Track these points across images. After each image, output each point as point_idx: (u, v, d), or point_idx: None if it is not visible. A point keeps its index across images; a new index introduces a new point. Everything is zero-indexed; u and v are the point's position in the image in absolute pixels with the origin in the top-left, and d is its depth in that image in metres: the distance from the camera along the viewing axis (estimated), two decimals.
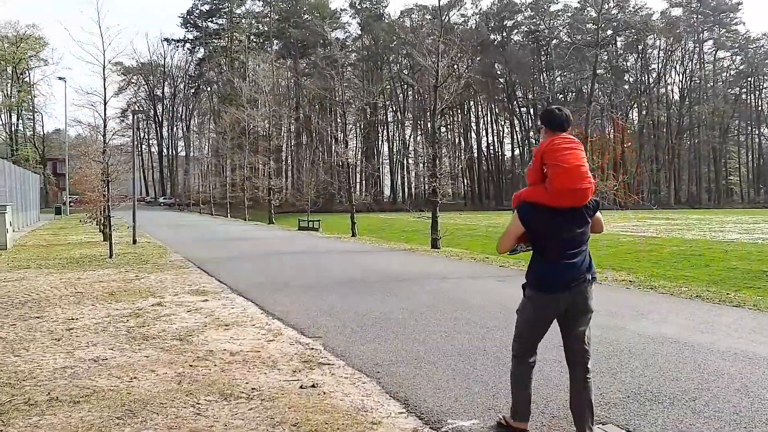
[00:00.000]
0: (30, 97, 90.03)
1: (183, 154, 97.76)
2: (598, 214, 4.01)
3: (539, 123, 4.12)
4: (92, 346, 6.38)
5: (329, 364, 5.67)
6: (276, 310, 8.43)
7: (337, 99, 31.41)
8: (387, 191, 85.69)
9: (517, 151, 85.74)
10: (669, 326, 7.21)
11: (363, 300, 9.22)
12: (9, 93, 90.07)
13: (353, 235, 24.82)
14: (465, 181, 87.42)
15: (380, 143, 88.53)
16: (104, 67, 20.04)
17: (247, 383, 5.07)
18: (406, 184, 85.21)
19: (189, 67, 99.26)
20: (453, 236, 23.96)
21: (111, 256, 15.50)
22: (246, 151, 40.70)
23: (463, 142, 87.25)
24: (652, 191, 75.78)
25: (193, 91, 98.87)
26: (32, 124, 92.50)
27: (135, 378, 5.22)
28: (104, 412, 4.39)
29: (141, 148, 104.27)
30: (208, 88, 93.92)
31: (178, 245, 20.03)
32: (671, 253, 17.35)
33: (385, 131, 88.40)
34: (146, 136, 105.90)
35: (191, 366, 5.59)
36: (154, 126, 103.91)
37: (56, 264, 14.23)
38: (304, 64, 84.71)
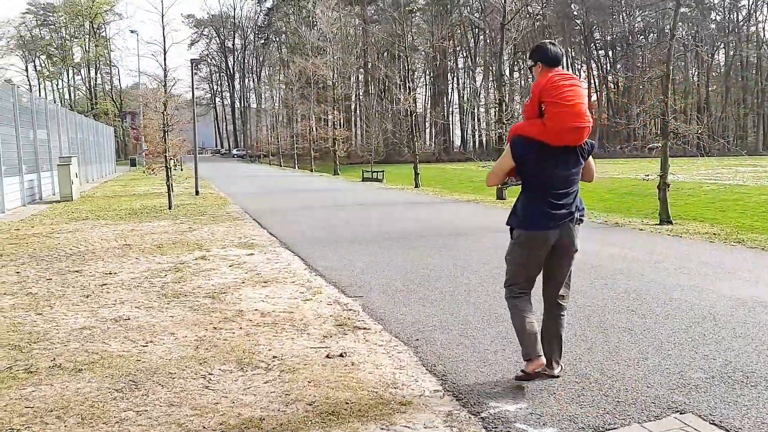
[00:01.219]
0: (107, 51, 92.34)
1: (255, 106, 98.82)
2: (590, 159, 3.90)
3: (530, 61, 3.89)
4: (119, 304, 6.01)
5: (365, 329, 5.08)
6: (321, 265, 7.91)
7: (404, 45, 30.21)
8: (457, 141, 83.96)
9: (594, 97, 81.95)
10: (762, 287, 6.27)
11: (415, 255, 8.58)
12: (87, 48, 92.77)
13: (416, 186, 24.11)
14: None
15: (450, 91, 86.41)
16: (162, 15, 19.83)
17: (269, 350, 4.55)
18: (476, 133, 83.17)
19: (258, 17, 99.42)
20: None
21: (170, 208, 15.40)
22: (312, 101, 40.21)
23: None
24: (738, 136, 71.28)
25: (262, 42, 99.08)
26: (110, 78, 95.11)
27: (151, 342, 4.78)
28: (105, 382, 3.95)
29: (214, 100, 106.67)
30: (277, 39, 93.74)
31: (239, 196, 19.89)
32: (759, 203, 15.89)
33: (454, 79, 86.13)
34: (219, 89, 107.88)
35: (215, 329, 5.12)
36: (226, 78, 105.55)
37: (114, 215, 14.21)
38: (372, 11, 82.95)
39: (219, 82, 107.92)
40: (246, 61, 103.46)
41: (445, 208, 15.64)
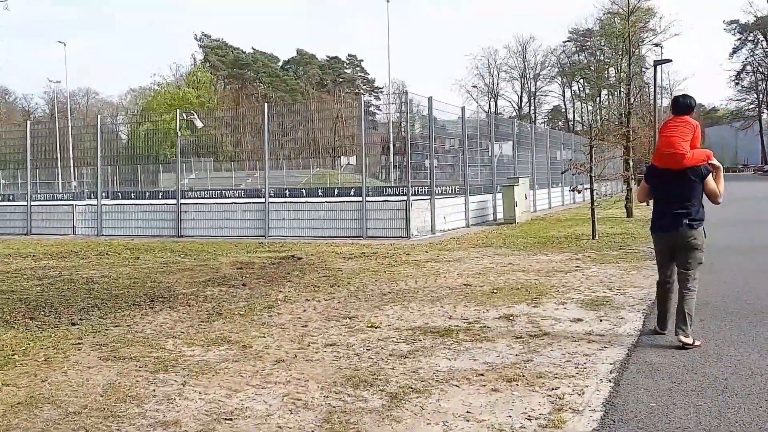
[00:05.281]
0: (640, 69, 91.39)
1: None
2: (710, 183, 5.04)
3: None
4: (281, 384, 4.37)
5: None
6: (647, 360, 4.72)
7: None
8: None
9: None
10: None
11: None
12: (620, 68, 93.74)
13: None
14: None
15: None
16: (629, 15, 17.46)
17: None
18: None
19: None
20: None
21: (593, 237, 12.95)
22: None
23: None
24: None
25: None
26: (642, 96, 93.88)
27: None
28: None
29: (759, 111, 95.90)
30: None
31: (711, 224, 15.80)
32: None
33: None
34: (765, 98, 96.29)
35: None
36: None
37: (523, 244, 12.51)
38: None
39: (765, 90, 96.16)
40: None
41: None
